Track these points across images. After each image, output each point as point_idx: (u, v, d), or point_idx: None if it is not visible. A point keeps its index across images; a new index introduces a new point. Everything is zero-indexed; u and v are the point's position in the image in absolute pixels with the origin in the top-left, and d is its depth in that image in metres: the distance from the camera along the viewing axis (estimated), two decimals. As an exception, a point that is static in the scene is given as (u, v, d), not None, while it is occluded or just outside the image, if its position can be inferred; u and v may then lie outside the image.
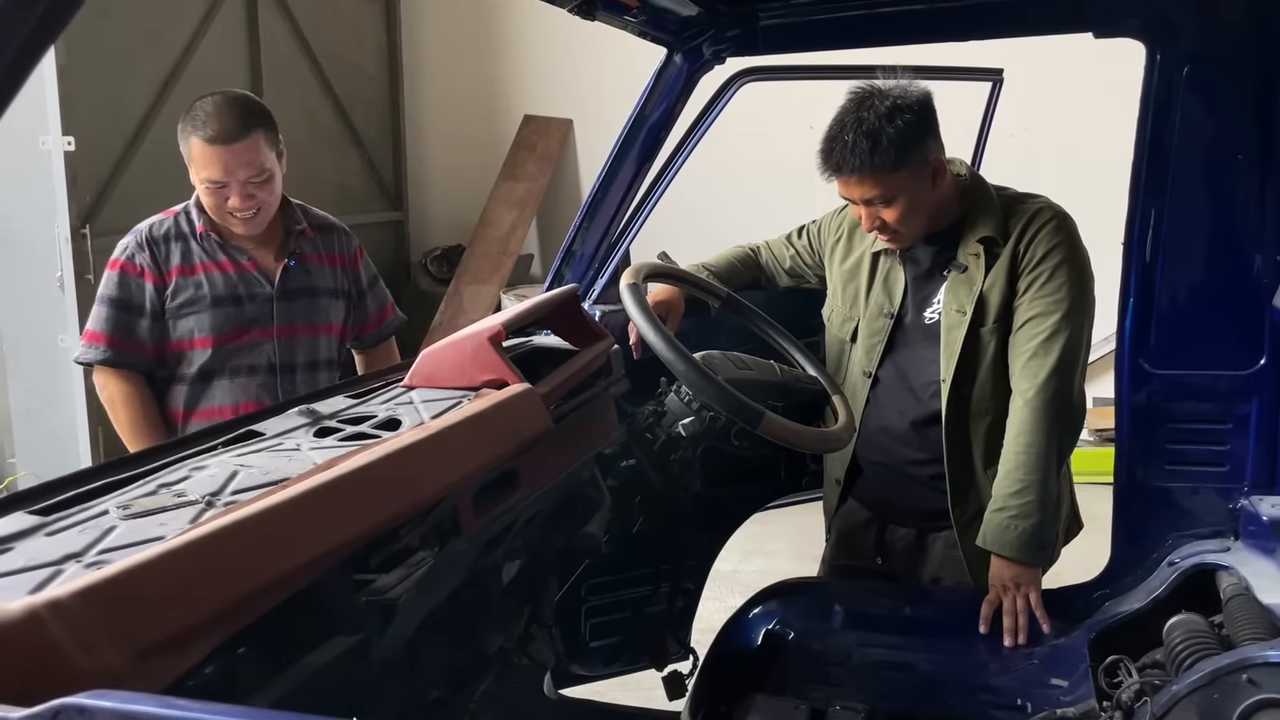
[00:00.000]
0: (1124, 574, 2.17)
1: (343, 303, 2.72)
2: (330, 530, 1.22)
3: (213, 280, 2.54)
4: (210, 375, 2.56)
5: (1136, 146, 2.02)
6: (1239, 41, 1.91)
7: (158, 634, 0.95)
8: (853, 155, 2.12)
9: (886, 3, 2.04)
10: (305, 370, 2.65)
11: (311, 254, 2.66)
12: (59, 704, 0.68)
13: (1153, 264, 2.05)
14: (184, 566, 1.02)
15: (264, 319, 2.58)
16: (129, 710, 0.67)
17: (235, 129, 2.45)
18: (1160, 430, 2.12)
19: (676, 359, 1.76)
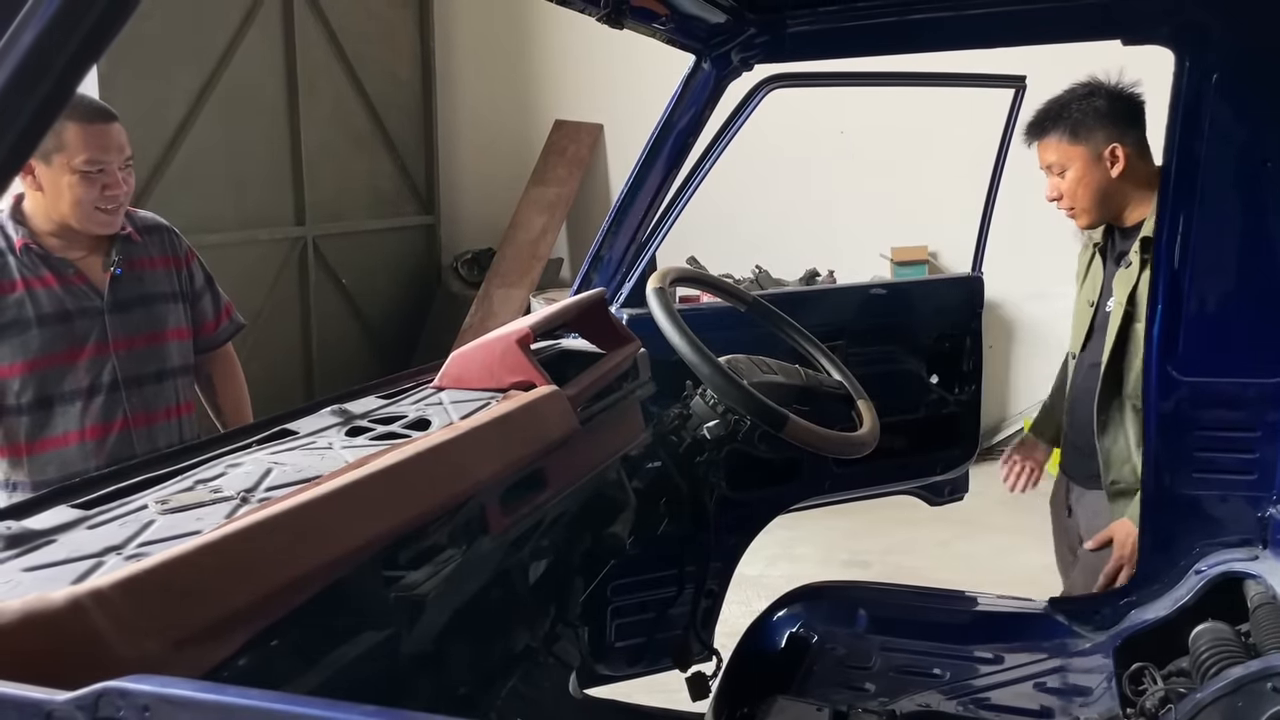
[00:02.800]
0: (1151, 581, 2.16)
1: (182, 305, 2.63)
2: (362, 526, 1.25)
3: (36, 297, 2.39)
4: (49, 401, 2.42)
5: (1165, 153, 2.02)
6: (1269, 49, 1.90)
7: (194, 625, 0.98)
8: (1037, 122, 2.54)
9: (915, 9, 2.05)
10: (155, 381, 2.55)
11: (142, 258, 2.55)
12: (101, 687, 0.71)
13: (1181, 271, 2.04)
14: (220, 559, 1.05)
15: (97, 334, 2.44)
16: (170, 694, 0.69)
17: (106, 112, 2.40)
18: (1188, 438, 2.11)
19: (701, 362, 1.78)
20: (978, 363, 2.86)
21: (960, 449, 2.87)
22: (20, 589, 1.00)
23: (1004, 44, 2.13)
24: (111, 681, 0.71)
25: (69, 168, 2.37)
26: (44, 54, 0.76)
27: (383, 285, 6.70)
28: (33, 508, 1.22)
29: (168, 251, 2.66)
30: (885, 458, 2.14)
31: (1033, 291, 6.06)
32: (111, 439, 2.53)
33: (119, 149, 2.44)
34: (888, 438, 2.06)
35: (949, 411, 2.81)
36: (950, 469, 2.86)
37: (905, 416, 2.62)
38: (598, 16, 1.82)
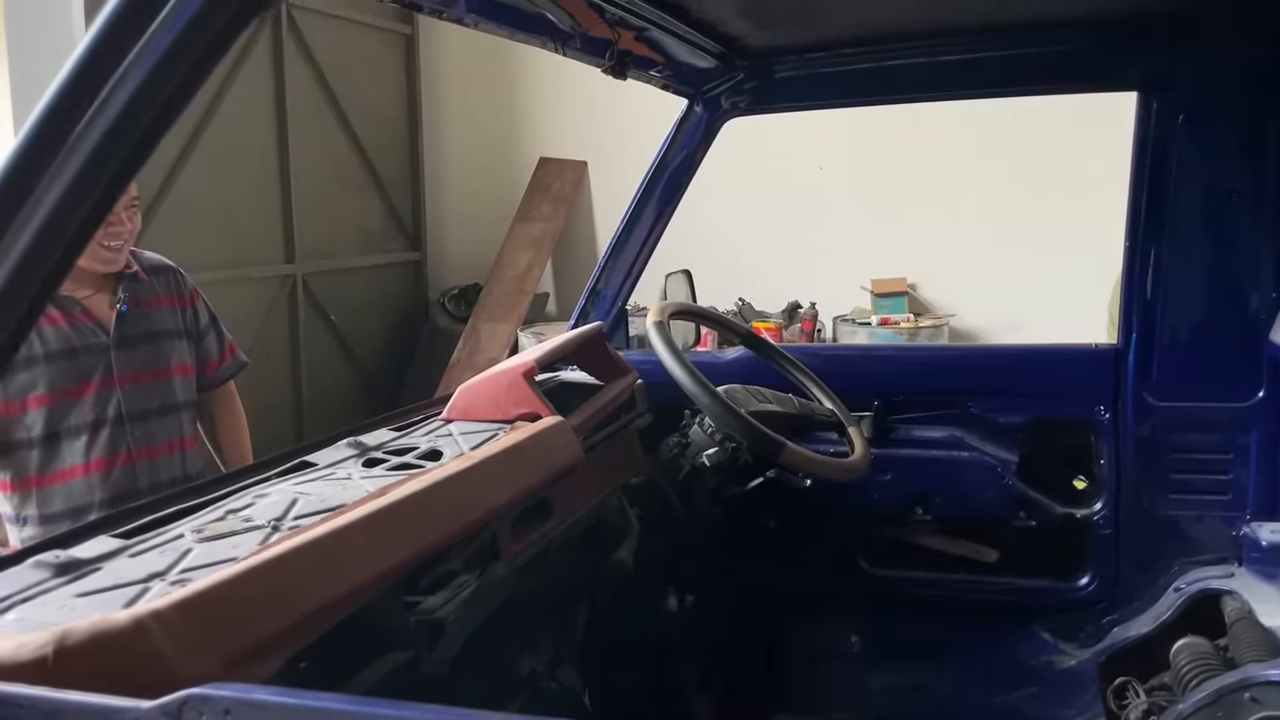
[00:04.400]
0: (1131, 599, 2.24)
1: (187, 342, 2.68)
2: (387, 553, 1.32)
3: (44, 335, 2.43)
4: (56, 436, 2.46)
5: (1133, 190, 2.12)
6: (1231, 91, 2.01)
7: (244, 644, 1.05)
8: None
9: (895, 58, 2.15)
10: (159, 415, 2.59)
11: (148, 296, 2.60)
12: (185, 694, 0.77)
13: (1153, 301, 2.14)
14: (264, 584, 1.12)
15: (102, 370, 2.49)
16: (250, 698, 0.76)
17: None
18: (1164, 461, 2.20)
19: (701, 392, 1.86)
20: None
21: None
22: (75, 613, 1.06)
23: (982, 94, 2.24)
24: (193, 689, 0.78)
25: None
26: (153, 88, 0.83)
27: (371, 321, 6.76)
28: (76, 537, 1.29)
29: (173, 290, 2.74)
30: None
31: (1012, 322, 6.19)
32: (116, 471, 2.59)
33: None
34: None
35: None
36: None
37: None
38: (604, 68, 1.91)
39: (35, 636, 0.91)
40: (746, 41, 2.05)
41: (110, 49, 0.82)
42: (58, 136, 0.82)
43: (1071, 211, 5.82)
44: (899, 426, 2.35)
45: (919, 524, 2.37)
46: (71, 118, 0.83)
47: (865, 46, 2.13)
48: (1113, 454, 2.22)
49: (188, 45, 0.83)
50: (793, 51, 2.17)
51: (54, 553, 1.20)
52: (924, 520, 2.35)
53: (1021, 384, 2.29)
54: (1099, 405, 2.21)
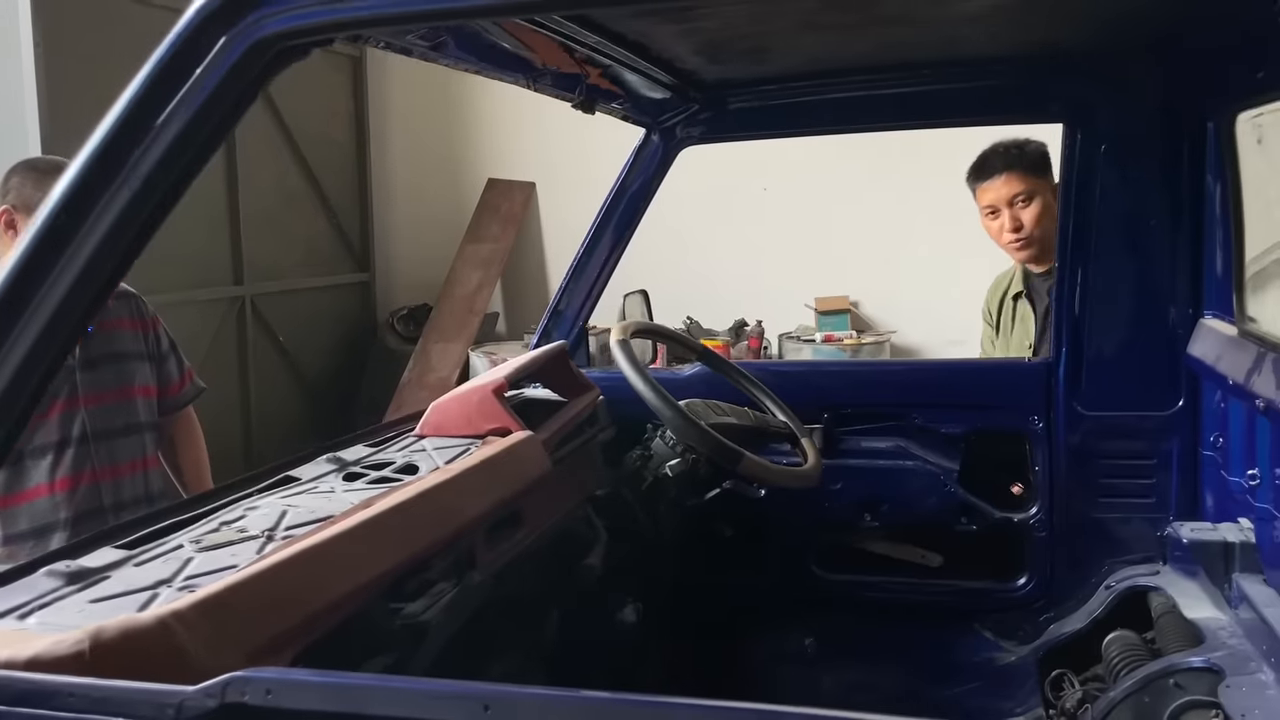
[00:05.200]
0: (1065, 598, 2.38)
1: (149, 364, 2.75)
2: (379, 559, 1.41)
3: None
4: (21, 456, 2.50)
5: (1061, 213, 2.27)
6: (1148, 123, 2.17)
7: (257, 641, 1.13)
8: (1005, 156, 2.79)
9: (840, 90, 2.28)
10: (124, 434, 2.65)
11: (111, 319, 2.67)
12: (228, 677, 0.85)
13: (1081, 317, 2.29)
14: (272, 586, 1.20)
15: (68, 390, 2.55)
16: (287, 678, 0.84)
17: None
18: (1094, 466, 2.34)
19: (663, 406, 1.96)
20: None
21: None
22: (93, 617, 1.13)
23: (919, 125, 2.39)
24: (235, 673, 0.86)
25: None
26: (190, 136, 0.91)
27: (320, 342, 6.77)
28: (81, 549, 1.35)
29: (134, 315, 2.80)
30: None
31: (950, 339, 6.38)
32: (80, 490, 2.63)
33: None
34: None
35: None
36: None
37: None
38: (573, 104, 2.02)
39: (70, 634, 0.99)
40: (701, 75, 2.17)
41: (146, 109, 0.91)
42: (108, 178, 0.90)
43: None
44: (847, 438, 2.47)
45: (867, 530, 2.50)
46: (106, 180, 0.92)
47: (810, 80, 2.26)
48: (1046, 461, 2.36)
49: (210, 111, 0.92)
50: (744, 84, 2.29)
51: (64, 563, 1.27)
52: (872, 527, 2.48)
53: (961, 396, 2.43)
54: (1033, 415, 2.35)
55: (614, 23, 1.60)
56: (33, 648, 0.96)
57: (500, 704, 0.79)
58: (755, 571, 2.52)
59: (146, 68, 0.88)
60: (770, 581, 2.54)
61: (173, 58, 0.87)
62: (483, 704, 0.77)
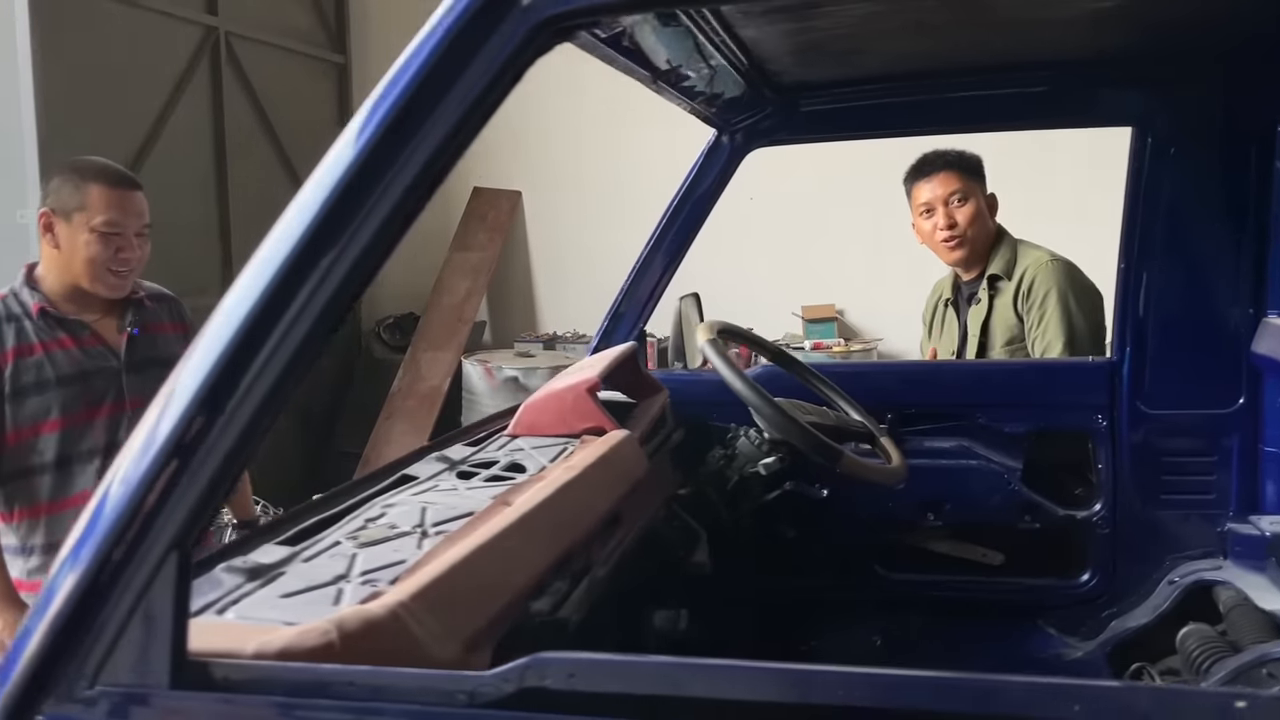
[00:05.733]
0: (1127, 594, 2.42)
1: None
2: (542, 553, 1.40)
3: (55, 359, 2.48)
4: (69, 460, 2.49)
5: (1127, 216, 2.32)
6: (1215, 124, 2.23)
7: (471, 631, 1.12)
8: (945, 156, 2.94)
9: (914, 93, 2.31)
10: None
11: (154, 322, 2.66)
12: (527, 660, 0.84)
13: (1145, 318, 2.34)
14: (471, 577, 1.19)
15: (114, 393, 2.54)
16: (591, 659, 0.83)
17: (132, 180, 2.57)
18: (1156, 464, 2.39)
19: (764, 403, 1.97)
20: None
21: None
22: (289, 613, 1.11)
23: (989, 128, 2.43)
24: (535, 655, 0.85)
25: (87, 227, 2.48)
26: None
27: (306, 351, 6.68)
28: (243, 545, 1.33)
29: (176, 318, 2.77)
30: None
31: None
32: None
33: (138, 215, 2.56)
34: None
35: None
36: None
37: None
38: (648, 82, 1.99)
39: (315, 625, 0.97)
40: (781, 77, 2.18)
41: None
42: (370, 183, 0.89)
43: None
44: (911, 437, 2.50)
45: (930, 530, 2.52)
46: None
47: (884, 83, 2.29)
48: (1109, 459, 2.40)
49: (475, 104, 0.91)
50: (819, 86, 2.31)
51: (239, 558, 1.25)
52: (935, 526, 2.50)
53: (1026, 395, 2.47)
54: (1097, 414, 2.39)
55: (741, 21, 1.61)
56: (279, 639, 0.95)
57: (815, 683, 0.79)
58: (817, 572, 2.54)
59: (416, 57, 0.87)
60: (833, 582, 2.55)
61: (449, 45, 0.86)
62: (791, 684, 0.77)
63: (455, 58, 0.87)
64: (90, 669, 0.87)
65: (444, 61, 0.87)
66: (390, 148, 0.90)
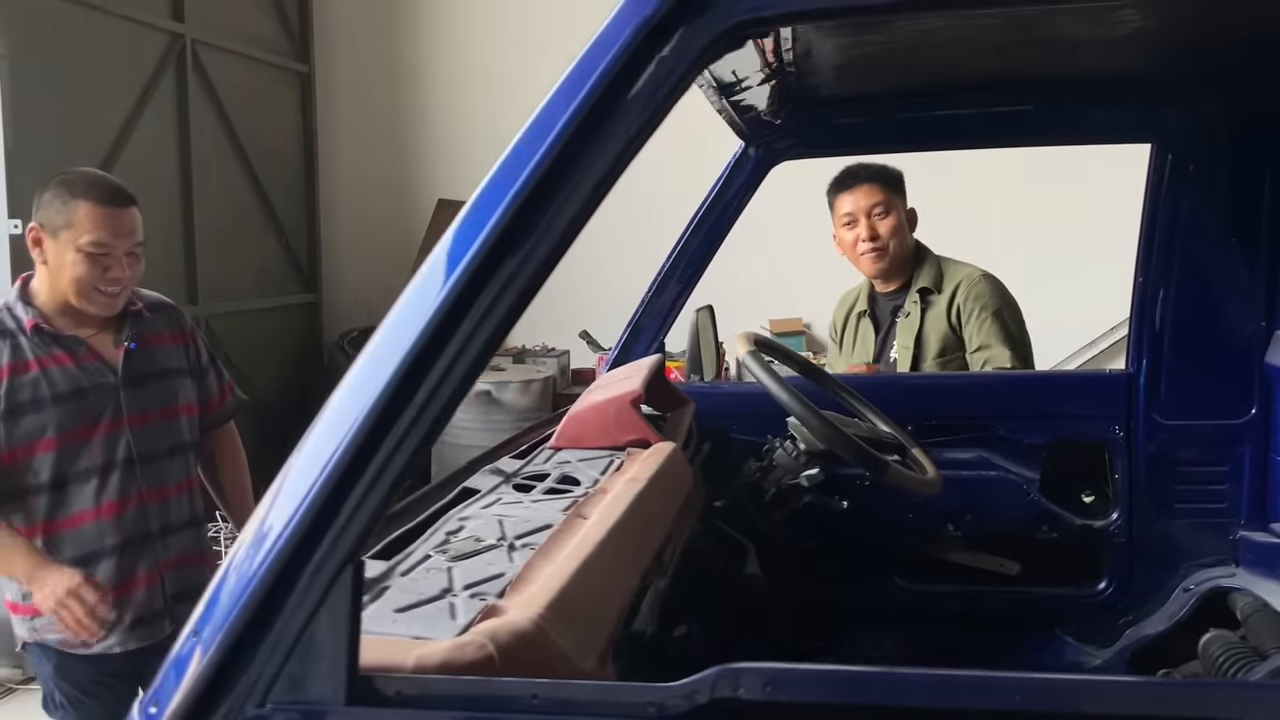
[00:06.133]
0: (1143, 602, 2.47)
1: (191, 380, 2.65)
2: (634, 565, 1.39)
3: (51, 376, 2.39)
4: (65, 480, 2.41)
5: (1145, 230, 2.37)
6: (1234, 146, 2.29)
7: (599, 642, 1.10)
8: (868, 169, 3.00)
9: (939, 108, 2.34)
10: (168, 456, 2.55)
11: (152, 334, 2.57)
12: (716, 671, 0.83)
13: (1161, 331, 2.39)
14: (587, 590, 1.17)
15: (112, 410, 2.45)
16: (789, 669, 0.82)
17: (123, 196, 2.44)
18: (1169, 473, 2.44)
19: (810, 415, 1.97)
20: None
21: None
22: (411, 627, 1.09)
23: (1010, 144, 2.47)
24: (724, 665, 0.83)
25: (74, 246, 2.38)
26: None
27: (269, 365, 6.56)
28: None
29: (175, 328, 2.68)
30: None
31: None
32: (128, 515, 2.50)
33: (128, 234, 2.44)
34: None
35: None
36: None
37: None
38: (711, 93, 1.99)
39: (469, 639, 0.95)
40: (819, 90, 2.19)
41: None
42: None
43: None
44: (931, 449, 2.52)
45: (949, 540, 2.55)
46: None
47: (915, 98, 2.32)
48: (1126, 469, 2.44)
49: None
50: (852, 100, 2.33)
51: (344, 573, 1.22)
52: (954, 536, 2.53)
53: (1044, 407, 2.51)
54: (1114, 425, 2.44)
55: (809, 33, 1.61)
56: (436, 653, 0.93)
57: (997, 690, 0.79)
58: (837, 583, 2.54)
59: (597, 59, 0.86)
60: (852, 592, 2.56)
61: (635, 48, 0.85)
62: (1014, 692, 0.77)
63: (639, 61, 0.86)
64: (261, 686, 0.84)
65: (630, 63, 0.85)
66: (576, 149, 0.88)
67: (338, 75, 7.06)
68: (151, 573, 2.55)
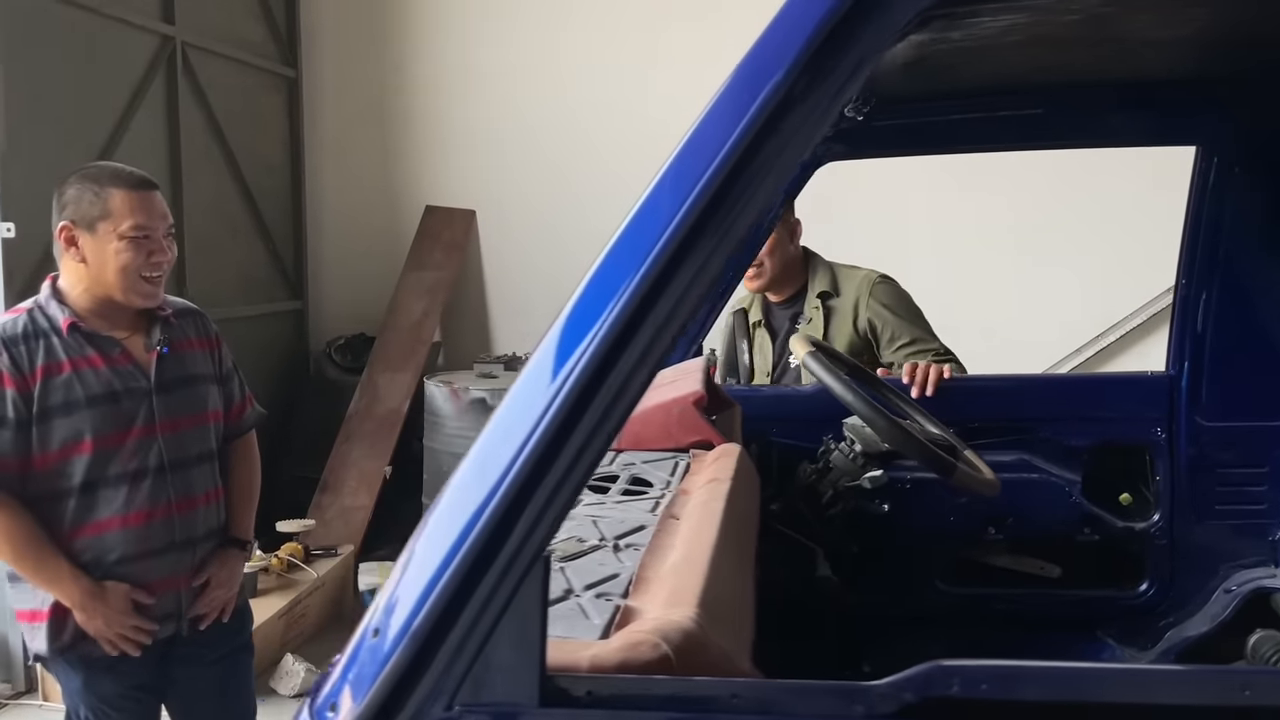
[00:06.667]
0: (1184, 603, 2.48)
1: (217, 387, 2.60)
2: (746, 566, 1.36)
3: (84, 378, 2.34)
4: (94, 485, 2.36)
5: (1189, 233, 2.38)
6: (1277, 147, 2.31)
7: (748, 642, 1.07)
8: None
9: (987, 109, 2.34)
10: (197, 464, 2.50)
11: (181, 339, 2.52)
12: (929, 667, 0.80)
13: (1203, 334, 2.41)
14: (721, 590, 1.14)
15: (144, 415, 2.40)
16: (1005, 669, 0.80)
17: (149, 180, 2.43)
18: (1210, 475, 2.46)
19: (876, 416, 1.96)
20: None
21: None
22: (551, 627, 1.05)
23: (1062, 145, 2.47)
24: (935, 661, 0.81)
25: (116, 234, 2.34)
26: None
27: (255, 371, 6.44)
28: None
29: (202, 333, 2.63)
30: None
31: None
32: (155, 524, 2.45)
33: (162, 216, 2.43)
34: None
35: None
36: None
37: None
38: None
39: (642, 638, 0.92)
40: (874, 91, 2.18)
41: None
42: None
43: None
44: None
45: (990, 544, 2.54)
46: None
47: (961, 100, 2.31)
48: (1167, 471, 2.45)
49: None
50: (899, 101, 2.32)
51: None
52: (996, 540, 2.52)
53: (1087, 409, 2.51)
54: (1156, 427, 2.44)
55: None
56: (612, 653, 0.89)
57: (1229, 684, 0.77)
58: (879, 588, 2.53)
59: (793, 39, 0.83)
60: (895, 597, 2.55)
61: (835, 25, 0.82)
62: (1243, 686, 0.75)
63: (838, 41, 0.83)
64: (448, 687, 0.80)
65: (830, 42, 0.83)
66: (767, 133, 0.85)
67: (324, 80, 6.98)
68: (173, 580, 2.49)
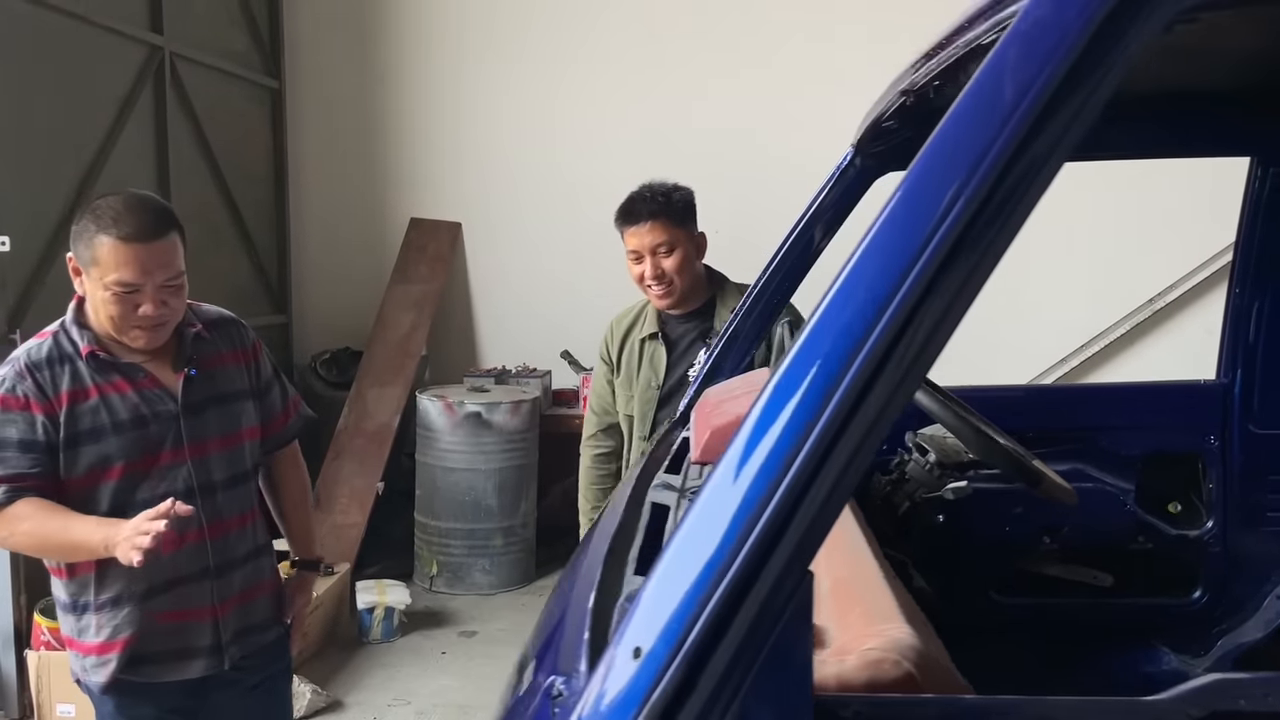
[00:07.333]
0: (1237, 610, 2.49)
1: (253, 402, 2.51)
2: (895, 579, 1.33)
3: (110, 404, 2.27)
4: (123, 510, 2.26)
5: (1242, 244, 2.40)
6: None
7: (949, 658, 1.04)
8: (651, 203, 2.91)
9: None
10: (227, 488, 2.42)
11: (211, 356, 2.42)
12: (1211, 680, 0.78)
13: (1255, 341, 2.43)
14: (909, 606, 1.12)
15: (173, 439, 2.33)
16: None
17: (153, 227, 2.22)
18: (1262, 482, 2.48)
19: (963, 426, 1.94)
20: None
21: None
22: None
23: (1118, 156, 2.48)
24: (1214, 675, 0.79)
25: (101, 284, 2.22)
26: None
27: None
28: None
29: (236, 345, 2.53)
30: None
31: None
32: (186, 551, 2.36)
33: (161, 268, 2.24)
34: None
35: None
36: None
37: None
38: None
39: (882, 656, 0.89)
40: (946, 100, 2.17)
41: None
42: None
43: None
44: None
45: (1044, 553, 2.54)
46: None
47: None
48: (1220, 478, 2.47)
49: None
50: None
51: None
52: (1051, 549, 2.52)
53: (1140, 418, 2.52)
54: (1209, 435, 2.46)
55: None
56: (858, 671, 0.86)
57: None
58: (936, 599, 2.51)
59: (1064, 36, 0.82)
60: (949, 607, 2.53)
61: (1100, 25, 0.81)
62: None
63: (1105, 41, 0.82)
64: (717, 711, 0.76)
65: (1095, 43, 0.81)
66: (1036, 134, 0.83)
67: (308, 91, 6.89)
68: (208, 609, 2.40)
